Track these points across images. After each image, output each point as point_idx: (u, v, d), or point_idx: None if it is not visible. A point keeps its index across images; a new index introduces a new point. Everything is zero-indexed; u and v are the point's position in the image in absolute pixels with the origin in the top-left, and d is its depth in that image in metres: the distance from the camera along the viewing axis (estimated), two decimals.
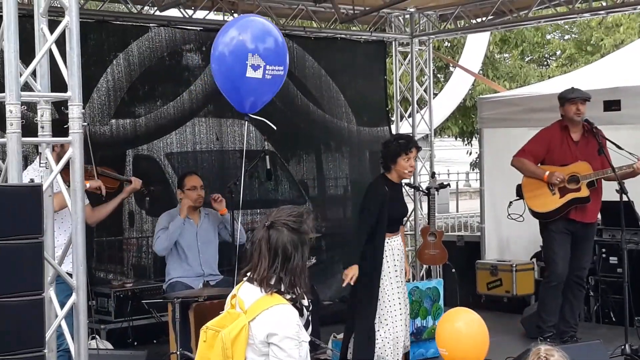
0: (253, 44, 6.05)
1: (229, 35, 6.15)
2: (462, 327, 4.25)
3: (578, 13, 9.77)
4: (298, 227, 3.64)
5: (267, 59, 6.06)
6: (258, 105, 6.36)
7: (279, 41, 6.21)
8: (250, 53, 6.01)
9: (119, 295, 8.35)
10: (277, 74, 6.13)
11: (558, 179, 7.79)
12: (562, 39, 22.54)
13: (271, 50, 6.11)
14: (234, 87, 6.20)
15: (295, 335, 3.53)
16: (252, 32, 6.11)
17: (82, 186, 4.55)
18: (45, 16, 4.70)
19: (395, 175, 7.06)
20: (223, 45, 6.16)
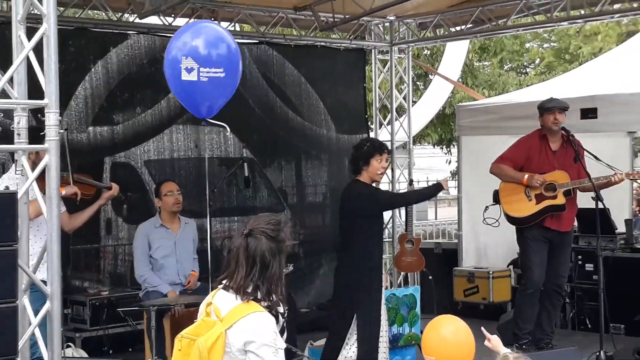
0: (187, 47, 6.04)
1: (173, 41, 6.21)
2: (449, 335, 4.31)
3: (556, 22, 9.84)
4: (276, 235, 3.65)
5: (200, 61, 6.00)
6: (214, 109, 6.29)
7: (219, 43, 6.12)
8: (184, 56, 5.98)
9: (95, 304, 8.31)
10: (215, 76, 6.03)
11: (538, 182, 7.83)
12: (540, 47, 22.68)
13: (206, 52, 6.04)
14: (178, 91, 6.19)
15: (272, 343, 3.54)
16: (190, 35, 6.10)
17: (58, 193, 4.54)
18: (23, 23, 4.69)
19: (367, 177, 6.97)
20: (167, 51, 6.20)
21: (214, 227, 9.16)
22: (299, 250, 9.99)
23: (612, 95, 9.22)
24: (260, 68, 10.09)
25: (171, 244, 7.53)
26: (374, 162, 6.91)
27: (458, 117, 10.82)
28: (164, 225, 7.57)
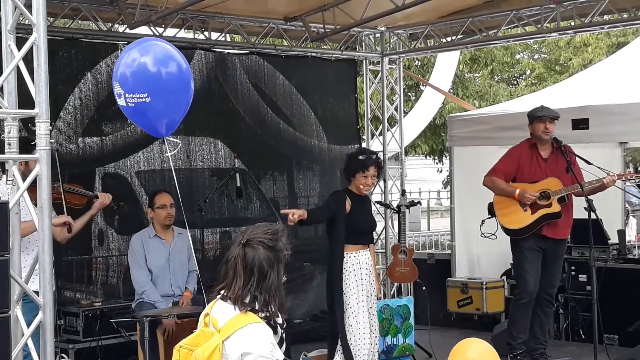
0: (118, 71, 5.70)
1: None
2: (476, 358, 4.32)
3: (547, 32, 9.86)
4: (274, 244, 3.63)
5: (125, 87, 5.63)
6: (162, 130, 6.03)
7: (142, 67, 5.66)
8: (115, 81, 5.71)
9: (88, 315, 8.26)
10: (140, 102, 5.57)
11: (529, 200, 7.82)
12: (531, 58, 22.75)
13: (128, 76, 5.64)
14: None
15: (269, 354, 3.51)
16: (122, 59, 5.75)
17: (49, 204, 4.51)
18: (13, 33, 4.67)
19: (355, 188, 7.24)
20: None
21: (206, 237, 9.12)
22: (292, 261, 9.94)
23: (604, 106, 9.23)
24: (251, 78, 10.08)
25: (165, 256, 7.49)
26: (358, 176, 7.17)
27: (450, 128, 10.82)
28: (157, 235, 7.53)
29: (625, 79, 10.08)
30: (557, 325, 9.46)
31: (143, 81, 5.64)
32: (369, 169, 7.09)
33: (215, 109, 9.83)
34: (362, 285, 7.06)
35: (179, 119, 5.99)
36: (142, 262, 7.39)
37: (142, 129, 8.98)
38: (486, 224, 8.22)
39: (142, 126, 6.15)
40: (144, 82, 5.63)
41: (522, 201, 7.87)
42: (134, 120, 6.02)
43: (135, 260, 7.42)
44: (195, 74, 9.58)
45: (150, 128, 5.96)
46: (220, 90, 9.86)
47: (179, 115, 5.96)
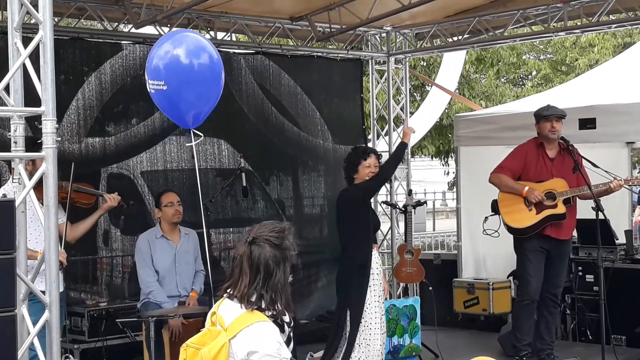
0: (149, 59, 6.10)
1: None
2: None
3: (553, 32, 9.83)
4: (280, 243, 3.60)
5: (148, 73, 6.05)
6: (190, 121, 6.21)
7: (164, 56, 6.04)
8: (145, 69, 6.08)
9: (93, 315, 8.25)
10: (158, 89, 5.96)
11: (536, 198, 7.79)
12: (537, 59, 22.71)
13: (151, 64, 6.04)
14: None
15: (276, 353, 3.48)
16: (155, 50, 6.08)
17: (56, 202, 4.49)
18: (19, 31, 4.65)
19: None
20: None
21: (211, 238, 9.10)
22: (298, 262, 9.94)
23: (611, 106, 9.19)
24: (257, 78, 10.06)
25: (171, 256, 7.46)
26: (360, 168, 7.17)
27: (456, 128, 10.78)
28: (164, 236, 7.50)
29: (632, 79, 10.04)
30: (564, 325, 9.43)
31: (167, 69, 5.90)
32: (369, 155, 7.11)
33: (220, 109, 9.75)
34: (374, 285, 7.05)
35: (208, 111, 6.10)
36: (148, 262, 7.37)
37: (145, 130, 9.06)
38: (489, 221, 8.20)
39: (168, 114, 6.21)
40: (166, 71, 5.89)
41: (529, 199, 7.84)
42: (160, 107, 6.11)
43: (142, 261, 7.40)
44: None
45: (178, 118, 6.05)
46: (225, 90, 9.77)
47: (208, 108, 6.07)
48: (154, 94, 5.85)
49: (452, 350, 8.90)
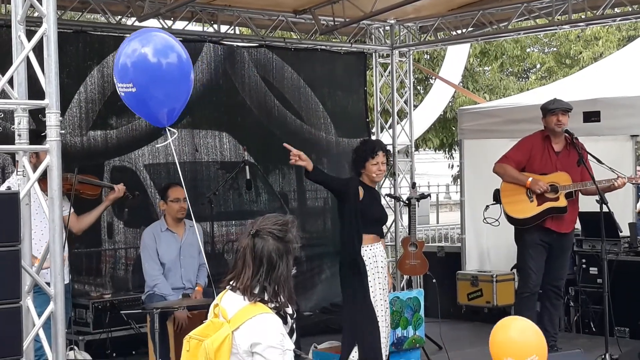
0: (117, 61, 5.72)
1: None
2: (517, 335, 4.35)
3: (558, 25, 9.81)
4: (283, 235, 3.62)
5: (117, 76, 5.69)
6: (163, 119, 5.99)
7: (129, 58, 5.63)
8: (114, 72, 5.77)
9: (98, 307, 8.29)
10: (128, 91, 5.57)
11: (541, 189, 7.80)
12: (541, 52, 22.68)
13: (118, 66, 5.66)
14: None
15: (279, 344, 3.50)
16: (122, 49, 5.73)
17: (60, 194, 4.51)
18: (23, 24, 4.66)
19: (367, 179, 7.13)
20: None
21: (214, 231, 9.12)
22: (301, 255, 9.96)
23: (615, 99, 9.19)
24: (260, 71, 10.07)
25: (176, 249, 7.46)
26: (368, 165, 7.07)
27: (460, 121, 10.79)
28: (169, 229, 7.51)
29: (636, 72, 10.04)
30: (567, 318, 9.45)
31: (133, 72, 5.57)
32: (377, 153, 7.04)
33: (223, 102, 9.84)
34: (379, 279, 7.05)
35: (180, 107, 5.94)
36: (153, 255, 7.38)
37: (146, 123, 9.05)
38: (490, 210, 8.22)
39: (141, 114, 6.10)
40: (132, 73, 5.56)
41: (532, 189, 7.85)
42: (132, 108, 5.98)
43: (147, 253, 7.41)
44: (203, 67, 9.59)
45: (151, 117, 5.92)
46: (228, 83, 9.85)
47: (180, 104, 5.91)
48: (124, 97, 5.66)
49: (456, 342, 8.91)
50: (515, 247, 8.35)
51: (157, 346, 6.67)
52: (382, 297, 7.06)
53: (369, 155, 7.05)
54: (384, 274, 7.12)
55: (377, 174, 7.10)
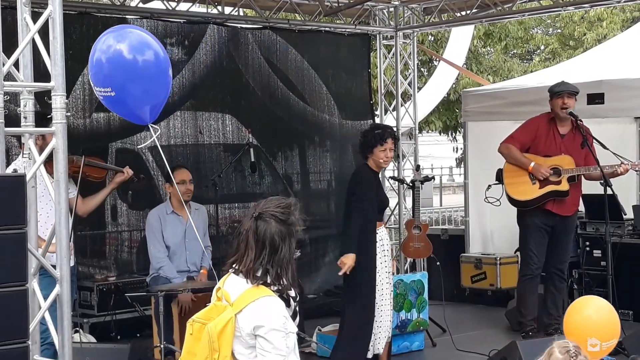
0: (91, 63, 5.36)
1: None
2: (594, 314, 4.38)
3: (562, 6, 9.78)
4: (286, 218, 3.60)
5: (94, 80, 5.31)
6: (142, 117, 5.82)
7: (106, 61, 5.31)
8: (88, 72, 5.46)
9: (102, 289, 8.31)
10: (107, 95, 5.24)
11: (542, 176, 7.80)
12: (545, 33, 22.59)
13: (94, 70, 5.30)
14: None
15: (282, 327, 3.50)
16: (96, 46, 5.42)
17: (66, 177, 4.50)
18: (28, 6, 4.64)
19: (373, 163, 7.11)
20: None
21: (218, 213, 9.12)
22: (305, 237, 9.96)
23: (619, 80, 9.16)
24: (264, 53, 10.04)
25: (181, 232, 7.47)
26: (376, 151, 7.05)
27: (464, 103, 10.76)
28: (174, 212, 7.51)
29: None
30: (571, 300, 9.39)
31: (110, 76, 5.24)
32: (387, 140, 7.02)
33: (227, 84, 9.82)
34: (386, 262, 7.07)
35: (161, 103, 5.76)
36: (159, 237, 7.38)
37: None
38: (492, 190, 8.23)
39: (123, 116, 5.88)
40: (109, 78, 5.23)
41: (535, 175, 7.85)
42: (114, 111, 5.81)
43: (153, 236, 7.41)
44: (207, 48, 9.57)
45: (133, 116, 5.73)
46: (232, 65, 9.83)
47: (161, 100, 5.74)
48: (103, 100, 5.44)
49: (460, 325, 8.93)
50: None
51: (161, 328, 6.69)
52: (387, 280, 7.08)
53: (378, 141, 7.02)
54: (388, 257, 7.14)
55: (384, 160, 7.08)
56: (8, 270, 3.91)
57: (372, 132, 7.16)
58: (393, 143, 7.11)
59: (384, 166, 7.26)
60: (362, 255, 6.93)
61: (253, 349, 3.51)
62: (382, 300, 7.03)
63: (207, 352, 3.51)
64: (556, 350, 3.59)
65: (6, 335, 3.89)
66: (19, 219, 3.97)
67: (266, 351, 3.47)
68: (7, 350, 3.88)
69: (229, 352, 3.50)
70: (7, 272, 3.91)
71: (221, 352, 3.50)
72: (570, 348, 3.58)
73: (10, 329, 3.91)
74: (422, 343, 8.23)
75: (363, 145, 7.15)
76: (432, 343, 8.36)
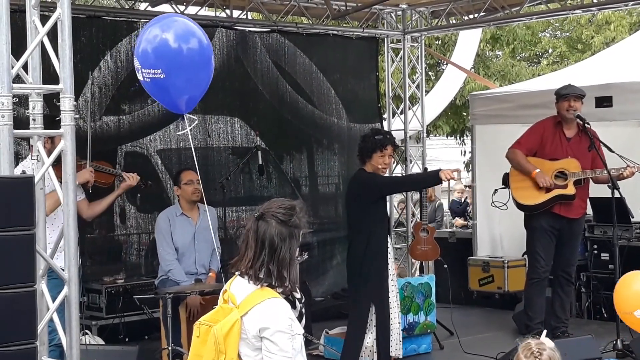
0: (138, 46, 5.79)
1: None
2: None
3: (570, 9, 9.79)
4: (287, 219, 3.60)
5: (142, 62, 5.71)
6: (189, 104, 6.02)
7: (161, 44, 5.69)
8: (135, 57, 5.82)
9: (110, 292, 8.32)
10: (155, 77, 5.64)
11: (544, 184, 7.81)
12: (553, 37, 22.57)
13: (147, 52, 5.69)
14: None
15: (287, 329, 3.50)
16: (143, 34, 5.81)
17: (74, 179, 4.52)
18: (37, 9, 4.66)
19: (371, 169, 7.07)
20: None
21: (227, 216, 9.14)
22: (313, 240, 9.97)
23: (628, 84, 9.15)
24: (272, 57, 10.06)
25: (190, 234, 7.47)
26: (375, 156, 7.02)
27: (472, 106, 10.76)
28: (184, 213, 7.52)
29: None
30: (579, 304, 9.44)
31: (163, 58, 5.63)
32: (386, 147, 6.98)
33: (235, 87, 9.84)
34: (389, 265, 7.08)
35: (200, 95, 5.97)
36: (168, 239, 7.39)
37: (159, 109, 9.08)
38: (498, 194, 8.22)
39: (161, 102, 6.14)
40: (162, 60, 5.62)
41: (537, 183, 7.86)
42: (153, 95, 6.02)
43: (162, 238, 7.42)
44: (215, 52, 9.55)
45: (171, 104, 5.94)
46: (240, 69, 9.85)
47: (200, 92, 5.94)
48: (148, 83, 5.66)
49: (467, 328, 8.93)
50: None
51: (169, 331, 6.70)
52: (392, 284, 7.10)
53: (378, 147, 6.99)
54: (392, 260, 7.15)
55: (382, 167, 7.07)
56: (16, 271, 3.93)
57: (373, 137, 7.12)
58: (392, 150, 7.11)
59: (382, 172, 7.17)
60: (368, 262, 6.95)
61: (259, 351, 3.51)
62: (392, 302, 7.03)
63: (214, 355, 3.51)
64: (521, 355, 3.65)
65: (14, 336, 3.90)
66: (28, 221, 3.99)
67: (272, 353, 3.47)
68: (16, 351, 3.90)
69: (235, 354, 3.51)
70: (15, 274, 3.92)
71: (227, 355, 3.50)
72: (533, 348, 3.63)
73: (19, 330, 3.92)
74: (429, 346, 8.23)
75: (362, 149, 7.12)
76: (439, 346, 8.36)
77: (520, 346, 3.72)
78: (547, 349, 3.66)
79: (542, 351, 3.64)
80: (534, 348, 3.66)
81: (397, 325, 7.15)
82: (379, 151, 6.99)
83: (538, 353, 3.63)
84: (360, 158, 7.16)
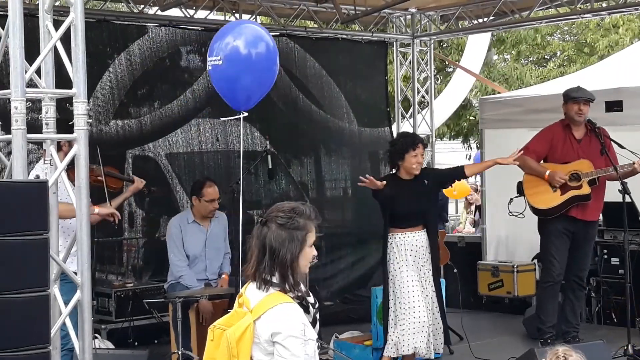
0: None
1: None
2: None
3: (580, 14, 9.76)
4: (285, 222, 3.58)
5: (209, 52, 6.61)
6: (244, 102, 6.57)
7: (220, 35, 6.59)
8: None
9: (120, 295, 8.33)
10: (215, 64, 6.48)
11: (559, 182, 7.78)
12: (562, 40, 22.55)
13: (213, 43, 6.59)
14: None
15: (300, 334, 3.49)
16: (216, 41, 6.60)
17: (87, 183, 4.53)
18: (50, 13, 4.68)
19: (404, 172, 7.15)
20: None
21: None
22: (321, 244, 9.96)
23: (638, 88, 9.13)
24: (282, 61, 10.00)
25: (202, 241, 7.46)
26: (408, 157, 7.07)
27: (481, 110, 10.75)
28: (196, 221, 7.50)
29: None
30: (589, 309, 9.40)
31: (220, 47, 6.48)
32: (418, 145, 7.05)
33: None
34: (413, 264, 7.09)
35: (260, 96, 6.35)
36: (179, 245, 7.38)
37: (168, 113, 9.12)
38: (514, 203, 8.20)
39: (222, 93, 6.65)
40: (219, 48, 6.47)
41: (552, 183, 7.83)
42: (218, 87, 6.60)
43: (173, 244, 7.41)
44: None
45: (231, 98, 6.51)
46: None
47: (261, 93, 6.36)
48: (210, 71, 6.46)
49: (477, 332, 8.90)
50: (536, 237, 8.32)
51: (179, 335, 6.70)
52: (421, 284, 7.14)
53: (410, 146, 7.03)
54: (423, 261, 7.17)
55: (416, 166, 7.09)
56: (31, 275, 3.93)
57: (402, 139, 7.23)
58: (423, 149, 7.15)
59: (415, 172, 7.16)
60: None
61: (272, 356, 3.50)
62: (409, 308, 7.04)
63: (226, 358, 3.51)
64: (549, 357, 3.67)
65: (28, 341, 3.91)
66: (42, 225, 4.00)
67: (283, 358, 3.46)
68: (29, 356, 3.91)
69: (247, 358, 3.50)
70: (29, 278, 3.93)
71: (240, 359, 3.50)
72: (560, 354, 3.64)
73: (32, 335, 3.93)
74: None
75: (393, 153, 7.17)
76: (449, 350, 8.32)
77: (548, 352, 3.73)
78: (573, 355, 3.66)
79: (568, 357, 3.64)
80: (560, 354, 3.66)
81: (423, 324, 7.16)
82: (410, 150, 7.04)
83: (564, 359, 3.63)
84: (392, 162, 7.22)
